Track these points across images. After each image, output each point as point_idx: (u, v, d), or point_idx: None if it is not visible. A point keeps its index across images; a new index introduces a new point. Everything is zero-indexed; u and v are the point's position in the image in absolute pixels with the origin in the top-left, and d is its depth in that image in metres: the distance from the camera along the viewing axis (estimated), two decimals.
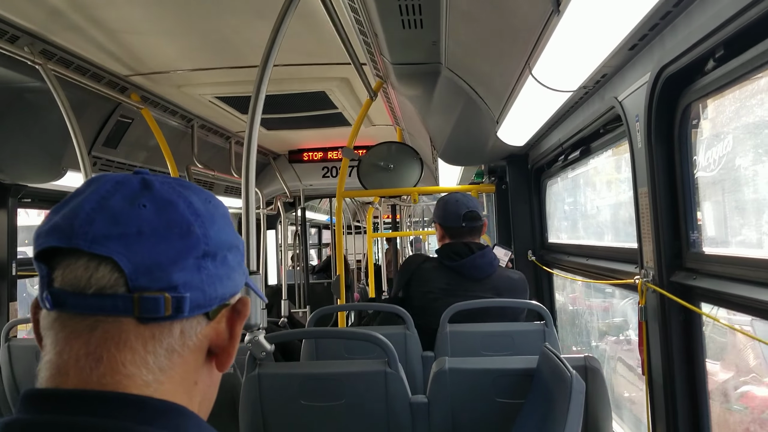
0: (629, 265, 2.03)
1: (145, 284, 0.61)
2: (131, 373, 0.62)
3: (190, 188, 0.69)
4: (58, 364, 0.62)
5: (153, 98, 3.54)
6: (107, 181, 0.66)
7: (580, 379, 1.39)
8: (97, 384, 0.61)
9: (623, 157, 2.38)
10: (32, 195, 3.57)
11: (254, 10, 2.38)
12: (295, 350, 2.56)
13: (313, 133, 5.10)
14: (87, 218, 0.62)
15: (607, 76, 1.87)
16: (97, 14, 2.35)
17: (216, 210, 0.70)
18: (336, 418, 1.74)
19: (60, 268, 0.62)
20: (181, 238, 0.64)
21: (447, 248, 2.59)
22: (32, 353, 2.44)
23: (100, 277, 0.61)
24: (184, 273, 0.63)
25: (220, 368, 0.72)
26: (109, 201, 0.63)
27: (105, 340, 0.61)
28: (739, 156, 1.49)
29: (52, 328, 0.63)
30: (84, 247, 0.60)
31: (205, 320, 0.67)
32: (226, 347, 0.70)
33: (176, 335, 0.64)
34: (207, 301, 0.66)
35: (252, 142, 1.87)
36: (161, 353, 0.63)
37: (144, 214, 0.63)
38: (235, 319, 0.71)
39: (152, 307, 0.61)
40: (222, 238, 0.68)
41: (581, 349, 3.57)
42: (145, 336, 0.62)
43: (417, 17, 2.14)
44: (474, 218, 2.61)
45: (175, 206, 0.65)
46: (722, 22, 1.19)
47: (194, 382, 0.68)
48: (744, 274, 1.35)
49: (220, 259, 0.67)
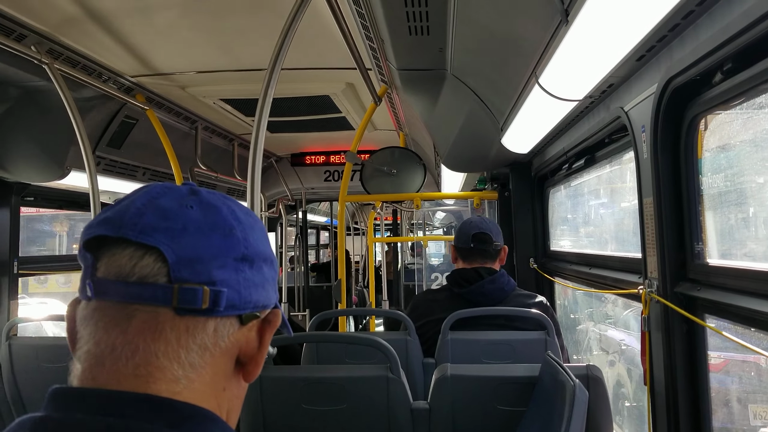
0: (632, 274, 2.03)
1: (186, 276, 0.63)
2: (163, 365, 0.63)
3: (232, 200, 0.73)
4: (96, 354, 0.63)
5: (158, 99, 3.54)
6: (157, 185, 0.70)
7: (583, 388, 1.39)
8: (131, 375, 0.62)
9: (627, 167, 2.39)
10: (35, 194, 3.57)
11: (261, 14, 2.39)
12: (295, 354, 2.55)
13: (316, 137, 5.11)
14: (137, 212, 0.65)
15: (614, 86, 1.88)
16: (104, 15, 2.35)
17: (255, 223, 0.73)
18: (337, 422, 1.74)
19: (105, 258, 0.65)
20: (223, 238, 0.67)
21: (456, 274, 2.50)
22: (33, 351, 2.45)
23: (144, 266, 0.63)
24: (222, 271, 0.65)
25: (247, 378, 0.73)
26: (159, 200, 0.67)
27: (142, 330, 0.63)
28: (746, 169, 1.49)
29: (92, 318, 0.64)
30: (131, 236, 0.63)
31: (238, 324, 0.69)
32: (254, 356, 0.72)
33: (209, 332, 0.66)
34: (241, 303, 0.68)
35: (258, 145, 1.88)
36: (194, 349, 0.65)
37: (190, 214, 0.66)
38: (266, 328, 0.73)
39: (191, 298, 0.63)
40: (260, 247, 0.71)
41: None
42: (180, 329, 0.64)
43: (424, 24, 2.15)
44: (484, 240, 2.48)
45: (219, 210, 0.69)
46: (732, 35, 1.20)
47: (223, 388, 0.69)
48: (749, 286, 1.35)
49: (256, 267, 0.70)
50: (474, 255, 2.50)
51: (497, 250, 2.52)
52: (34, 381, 2.45)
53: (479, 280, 2.42)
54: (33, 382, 2.46)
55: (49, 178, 3.29)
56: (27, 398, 2.48)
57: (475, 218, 2.61)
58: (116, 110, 3.37)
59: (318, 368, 2.19)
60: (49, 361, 2.41)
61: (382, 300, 6.57)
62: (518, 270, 3.62)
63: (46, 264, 4.00)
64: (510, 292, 2.45)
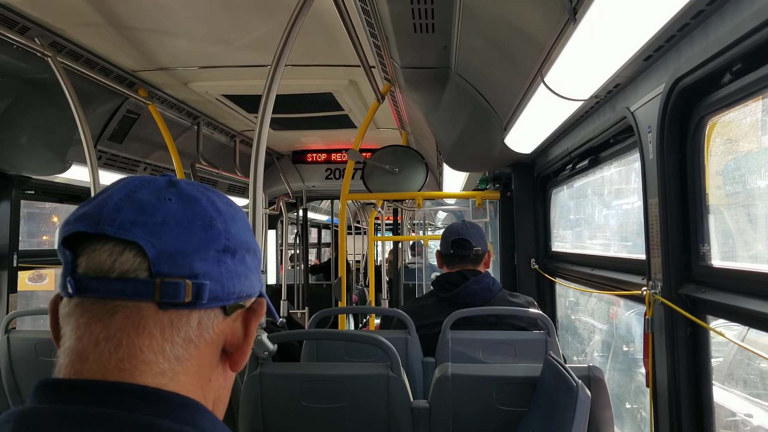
0: (636, 276, 2.02)
1: (167, 270, 0.63)
2: (148, 359, 0.63)
3: (212, 191, 0.72)
4: (78, 349, 0.63)
5: (160, 94, 3.53)
6: (135, 179, 0.69)
7: (585, 389, 1.38)
8: (115, 369, 0.62)
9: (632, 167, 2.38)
10: (36, 187, 3.56)
11: (265, 9, 2.38)
12: (293, 351, 2.54)
13: (317, 134, 5.10)
14: (115, 207, 0.64)
15: (620, 86, 1.87)
16: (107, 8, 2.34)
17: (236, 213, 0.72)
18: (336, 420, 1.73)
19: (85, 254, 0.64)
20: (204, 230, 0.66)
21: (441, 278, 2.54)
22: (32, 345, 2.43)
23: (124, 261, 0.62)
24: (204, 263, 0.65)
25: (233, 368, 0.72)
26: (137, 194, 0.66)
27: (125, 325, 0.63)
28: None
29: (73, 315, 0.64)
30: (110, 232, 0.63)
31: (222, 315, 0.69)
32: (240, 346, 0.71)
33: (194, 325, 0.66)
34: (225, 294, 0.67)
35: (261, 141, 1.87)
36: (178, 342, 0.65)
37: (169, 207, 0.66)
38: (250, 318, 0.72)
39: (173, 292, 0.63)
40: (242, 237, 0.70)
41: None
42: (164, 322, 0.64)
43: (429, 21, 2.14)
44: (463, 246, 2.51)
45: (198, 202, 0.68)
46: (741, 35, 1.19)
47: (208, 379, 0.69)
48: (754, 288, 1.34)
49: (239, 257, 0.69)
50: (455, 261, 2.54)
51: (479, 254, 2.53)
52: (33, 375, 2.44)
53: (464, 282, 2.44)
54: (31, 375, 2.45)
55: (50, 172, 3.28)
56: (25, 392, 2.47)
57: (458, 224, 2.64)
58: (118, 105, 3.36)
59: (318, 366, 2.18)
60: (48, 355, 2.40)
61: (382, 299, 6.57)
62: (519, 270, 3.61)
63: (46, 258, 3.99)
64: (497, 292, 2.47)
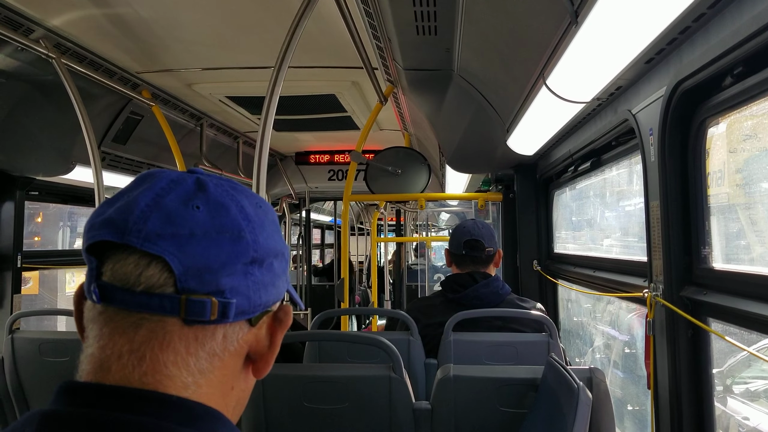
0: (637, 278, 2.02)
1: (193, 286, 0.61)
2: (172, 374, 0.62)
3: (242, 192, 0.69)
4: (101, 359, 0.62)
5: (164, 95, 3.55)
6: (162, 178, 0.66)
7: (587, 391, 1.38)
8: (138, 382, 0.61)
9: (634, 169, 2.38)
10: (40, 188, 3.57)
11: (268, 11, 2.38)
12: (296, 352, 2.55)
13: (320, 136, 5.11)
14: (142, 215, 0.62)
15: (622, 88, 1.87)
16: (112, 10, 2.36)
17: (266, 216, 0.70)
18: (338, 421, 1.74)
19: (110, 262, 0.62)
20: (232, 243, 0.64)
21: (450, 279, 2.50)
22: (35, 346, 2.44)
23: (150, 276, 0.61)
24: (231, 278, 0.63)
25: (256, 374, 0.71)
26: (164, 199, 0.63)
27: (149, 339, 0.62)
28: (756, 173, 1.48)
29: (97, 322, 0.63)
30: (136, 244, 0.61)
31: (247, 326, 0.68)
32: (264, 354, 0.70)
33: (219, 339, 0.65)
34: (251, 307, 0.66)
35: (264, 143, 1.88)
36: (203, 356, 0.64)
37: (197, 216, 0.63)
38: (276, 327, 0.71)
39: (199, 311, 0.62)
40: (270, 245, 0.68)
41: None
42: (189, 338, 0.63)
43: (431, 23, 2.15)
44: (475, 247, 2.47)
45: (227, 210, 0.65)
46: (742, 38, 1.19)
47: (231, 387, 0.68)
48: (755, 291, 1.34)
49: (266, 266, 0.67)
50: (466, 261, 2.50)
51: (490, 255, 2.51)
52: (37, 375, 2.45)
53: (473, 284, 2.41)
54: (35, 376, 2.45)
55: (54, 173, 3.30)
56: (29, 392, 2.47)
57: (469, 223, 2.58)
58: (122, 106, 3.38)
59: (321, 367, 2.18)
60: (52, 356, 2.41)
61: (385, 300, 6.57)
62: (521, 272, 3.61)
63: (49, 258, 4.00)
64: (506, 296, 2.44)
